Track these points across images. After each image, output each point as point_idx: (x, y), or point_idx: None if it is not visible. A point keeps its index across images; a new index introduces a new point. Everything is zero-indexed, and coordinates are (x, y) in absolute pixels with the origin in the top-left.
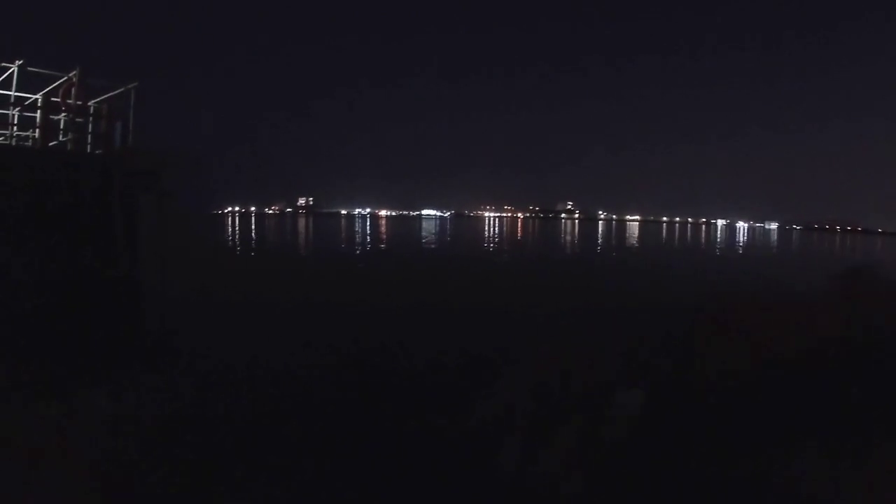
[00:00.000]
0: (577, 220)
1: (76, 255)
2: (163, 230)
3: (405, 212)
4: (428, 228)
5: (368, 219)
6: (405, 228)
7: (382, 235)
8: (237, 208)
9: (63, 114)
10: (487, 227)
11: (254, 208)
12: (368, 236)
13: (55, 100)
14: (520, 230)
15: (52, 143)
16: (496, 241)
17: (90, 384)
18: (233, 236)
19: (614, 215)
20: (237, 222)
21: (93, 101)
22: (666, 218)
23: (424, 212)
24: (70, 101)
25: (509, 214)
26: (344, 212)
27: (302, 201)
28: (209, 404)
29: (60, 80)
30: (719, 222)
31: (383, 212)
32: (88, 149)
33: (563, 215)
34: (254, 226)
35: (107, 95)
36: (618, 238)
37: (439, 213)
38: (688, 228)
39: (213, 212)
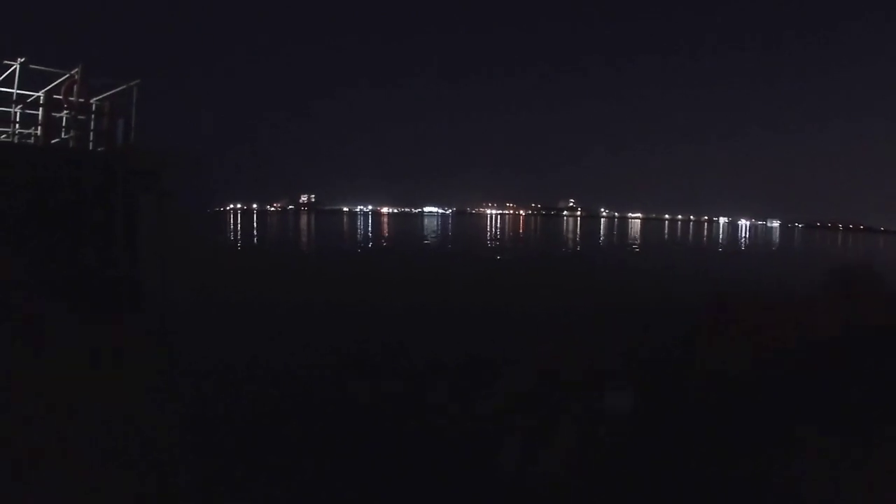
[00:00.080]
0: (579, 218)
1: (77, 253)
2: (163, 229)
3: (407, 209)
4: (429, 226)
5: (370, 216)
6: (407, 226)
7: (384, 233)
8: (239, 206)
9: (65, 111)
10: (489, 224)
11: (256, 206)
12: (370, 234)
13: (57, 97)
14: (521, 227)
15: (55, 141)
16: (498, 239)
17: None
18: (234, 235)
19: (616, 213)
20: (239, 220)
21: (95, 99)
22: (668, 216)
23: (426, 209)
24: (72, 98)
25: (511, 212)
26: (346, 209)
27: (304, 199)
28: (209, 404)
29: (62, 78)
30: (721, 220)
31: (385, 209)
32: (90, 146)
33: (565, 213)
34: (255, 223)
35: (109, 93)
36: (620, 236)
37: (441, 210)
38: (690, 226)
39: (215, 209)
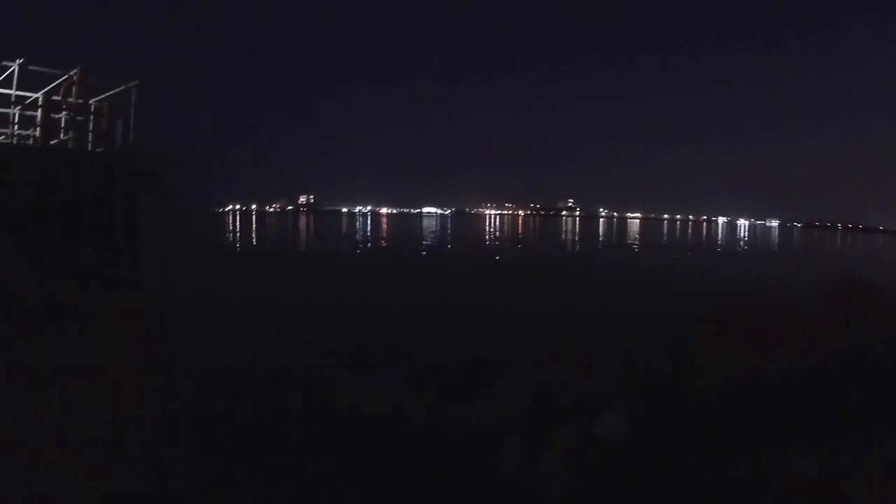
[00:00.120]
0: (577, 218)
1: (77, 254)
2: (163, 229)
3: (406, 209)
4: (428, 226)
5: (369, 216)
6: (406, 226)
7: (383, 233)
8: (238, 206)
9: (64, 112)
10: (488, 224)
11: (255, 206)
12: (369, 235)
13: (56, 98)
14: (520, 228)
15: (54, 142)
16: (496, 239)
17: (91, 385)
18: (233, 235)
19: (615, 213)
20: (238, 220)
21: (94, 100)
22: (667, 216)
23: (425, 209)
24: (71, 99)
25: (510, 212)
26: (345, 210)
27: (303, 199)
28: (209, 404)
29: (61, 79)
30: (720, 220)
31: (384, 209)
32: (89, 147)
33: (564, 213)
34: (255, 224)
35: (108, 94)
36: (619, 236)
37: (440, 210)
38: (689, 226)
39: (215, 210)
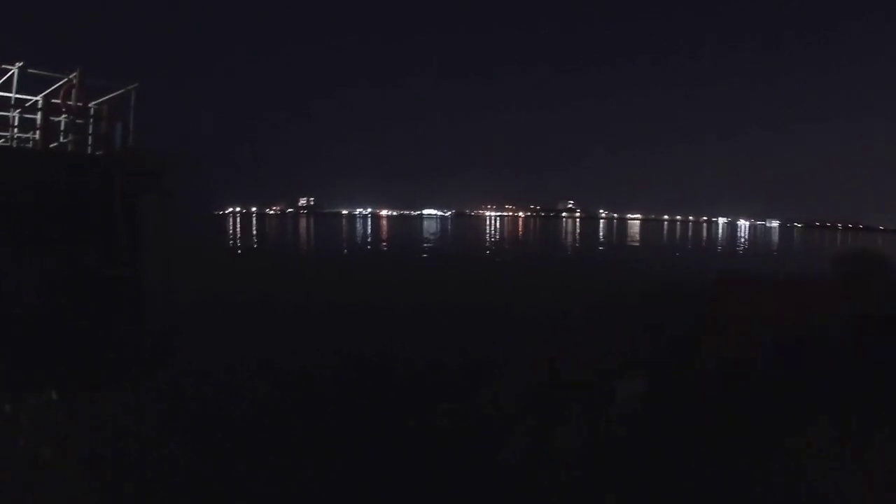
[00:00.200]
0: (578, 219)
1: (77, 257)
2: (164, 231)
3: (406, 211)
4: (429, 228)
5: (370, 219)
6: (406, 228)
7: (384, 236)
8: (238, 209)
9: (64, 115)
10: (489, 226)
11: (255, 209)
12: (369, 237)
13: (56, 101)
14: (521, 229)
15: (53, 145)
16: (497, 241)
17: (92, 385)
18: (234, 237)
19: (615, 214)
20: (238, 223)
21: (93, 103)
22: (667, 217)
23: (425, 211)
24: (70, 102)
25: (510, 214)
26: (345, 212)
27: (303, 201)
28: (210, 404)
29: (61, 82)
30: (720, 220)
31: (384, 211)
32: (89, 150)
33: (564, 214)
34: (255, 226)
35: (107, 97)
36: (619, 237)
37: (440, 212)
38: (689, 227)
39: (215, 212)
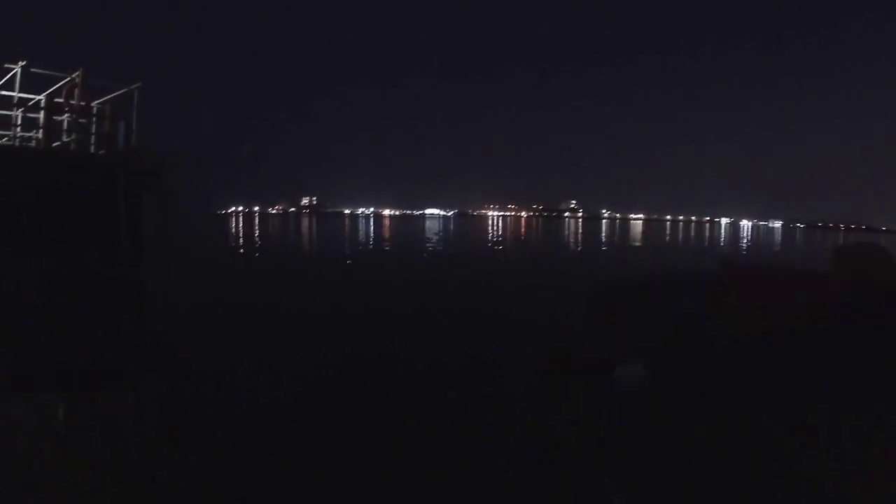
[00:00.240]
0: (580, 220)
1: (79, 256)
2: (166, 231)
3: (408, 211)
4: (431, 228)
5: (372, 218)
6: (409, 228)
7: (387, 235)
8: (240, 208)
9: (66, 115)
10: (491, 226)
11: (257, 208)
12: (372, 237)
13: (58, 100)
14: (524, 229)
15: (56, 144)
16: (500, 241)
17: (93, 385)
18: (236, 236)
19: (618, 214)
20: (241, 223)
21: (96, 102)
22: (669, 217)
23: (428, 211)
24: (73, 101)
25: (513, 213)
26: (347, 211)
27: (305, 201)
28: (210, 404)
29: (63, 81)
30: (723, 220)
31: (387, 211)
32: (91, 149)
33: (566, 214)
34: (257, 226)
35: (110, 96)
36: (622, 237)
37: (443, 212)
38: (691, 227)
39: (217, 212)
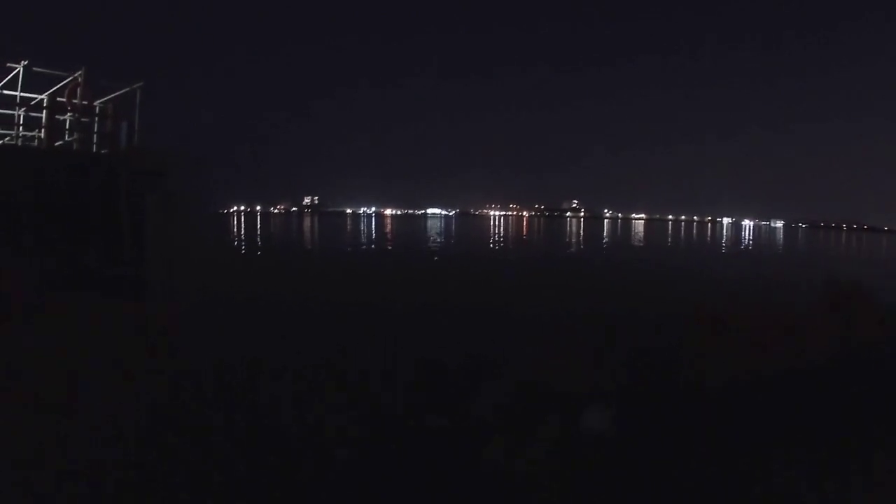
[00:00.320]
0: (582, 219)
1: (80, 256)
2: (168, 230)
3: (410, 210)
4: (433, 227)
5: (374, 218)
6: (411, 227)
7: (389, 235)
8: (242, 208)
9: (68, 114)
10: (493, 225)
11: (259, 208)
12: (374, 236)
13: (61, 100)
14: (525, 229)
15: (58, 143)
16: (502, 241)
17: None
18: (238, 236)
19: (620, 214)
20: (242, 222)
21: (98, 101)
22: (671, 216)
23: (429, 211)
24: (75, 101)
25: (514, 213)
26: (349, 211)
27: (307, 200)
28: (210, 404)
29: (66, 80)
30: (725, 220)
31: (388, 211)
32: (94, 149)
33: (568, 214)
34: (259, 225)
35: (112, 95)
36: (624, 237)
37: (444, 211)
38: (693, 227)
39: (219, 211)
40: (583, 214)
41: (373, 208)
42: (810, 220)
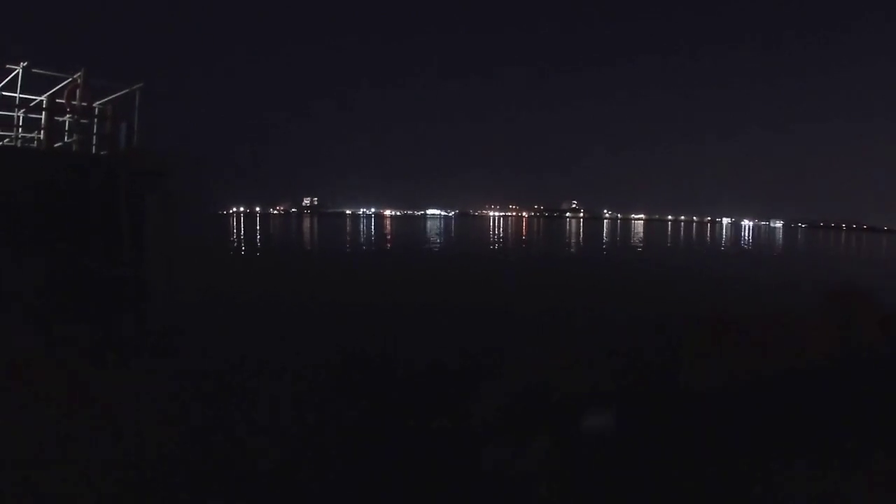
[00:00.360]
0: (581, 220)
1: (82, 257)
2: (168, 230)
3: (410, 211)
4: (433, 228)
5: (373, 218)
6: (410, 228)
7: (389, 236)
8: (242, 209)
9: (68, 115)
10: (492, 226)
11: (258, 209)
12: (373, 237)
13: (60, 101)
14: (525, 229)
15: (57, 145)
16: (501, 241)
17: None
18: (237, 236)
19: (619, 214)
20: (242, 223)
21: (97, 103)
22: (671, 217)
23: (429, 211)
24: (75, 102)
25: (514, 214)
26: (349, 212)
27: (307, 201)
28: (209, 404)
29: (65, 82)
30: (724, 221)
31: (388, 211)
32: (93, 150)
33: (567, 214)
34: (259, 226)
35: (111, 96)
36: (623, 237)
37: (444, 212)
38: (693, 227)
39: (219, 212)
40: (582, 215)
41: (372, 209)
42: (810, 220)
